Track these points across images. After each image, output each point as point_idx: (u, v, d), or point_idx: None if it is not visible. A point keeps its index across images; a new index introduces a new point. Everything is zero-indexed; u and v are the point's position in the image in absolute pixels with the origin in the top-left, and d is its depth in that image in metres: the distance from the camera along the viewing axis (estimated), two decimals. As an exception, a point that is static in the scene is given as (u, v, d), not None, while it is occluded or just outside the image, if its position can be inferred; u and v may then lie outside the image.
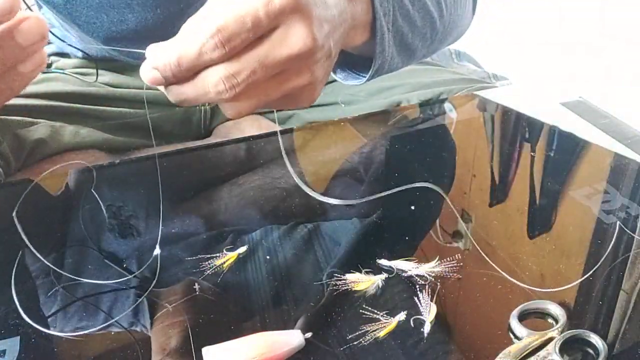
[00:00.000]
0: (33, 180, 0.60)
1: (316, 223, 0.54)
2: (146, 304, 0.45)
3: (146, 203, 0.58)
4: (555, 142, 0.67)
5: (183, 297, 0.46)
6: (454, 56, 1.16)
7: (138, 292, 0.46)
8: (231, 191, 0.59)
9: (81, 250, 0.52)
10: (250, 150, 0.67)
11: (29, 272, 0.49)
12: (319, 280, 0.47)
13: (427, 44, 0.61)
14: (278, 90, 0.42)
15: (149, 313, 0.44)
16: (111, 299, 0.46)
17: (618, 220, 0.51)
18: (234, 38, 0.38)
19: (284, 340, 0.40)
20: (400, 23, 0.54)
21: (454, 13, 0.64)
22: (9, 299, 0.46)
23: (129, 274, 0.48)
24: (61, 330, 0.43)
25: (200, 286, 0.46)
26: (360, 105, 0.80)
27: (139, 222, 0.55)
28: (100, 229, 0.54)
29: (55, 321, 0.44)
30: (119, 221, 0.55)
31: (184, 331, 0.42)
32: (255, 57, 0.39)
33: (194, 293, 0.45)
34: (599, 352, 0.39)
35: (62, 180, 0.62)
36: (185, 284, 0.47)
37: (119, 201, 0.58)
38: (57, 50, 0.83)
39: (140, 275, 0.48)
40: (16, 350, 0.41)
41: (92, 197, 0.58)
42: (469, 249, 0.50)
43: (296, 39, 0.40)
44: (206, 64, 0.39)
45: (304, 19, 0.40)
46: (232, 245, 0.50)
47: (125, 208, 0.57)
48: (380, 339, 0.41)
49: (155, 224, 0.53)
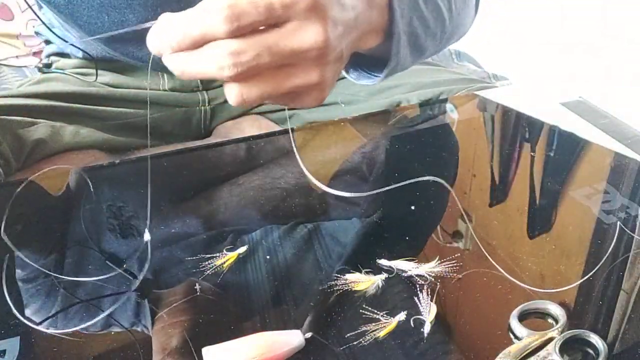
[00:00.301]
0: (33, 181, 0.60)
1: (316, 223, 0.54)
2: (147, 304, 0.45)
3: (146, 203, 0.58)
4: (555, 142, 0.67)
5: (183, 297, 0.46)
6: (454, 56, 1.16)
7: (138, 292, 0.46)
8: (231, 191, 0.59)
9: (80, 250, 0.52)
10: (250, 150, 0.67)
11: (27, 272, 0.49)
12: (319, 280, 0.47)
13: (436, 43, 0.61)
14: (284, 84, 0.42)
15: (149, 313, 0.45)
16: (111, 300, 0.46)
17: (618, 220, 0.51)
18: (243, 17, 0.38)
19: (284, 340, 0.40)
20: (415, 24, 0.54)
21: (462, 13, 0.64)
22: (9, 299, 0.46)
23: (125, 270, 0.48)
24: (61, 330, 0.43)
25: (201, 286, 0.46)
26: (360, 105, 0.80)
27: (138, 222, 0.55)
28: (99, 228, 0.54)
29: (55, 322, 0.44)
30: (120, 221, 0.55)
31: (184, 331, 0.42)
32: (262, 41, 0.39)
33: (194, 293, 0.45)
34: (599, 352, 0.39)
35: (62, 180, 0.62)
36: (186, 284, 0.47)
37: (118, 201, 0.58)
38: (57, 50, 0.83)
39: (142, 277, 0.48)
40: (16, 350, 0.41)
41: (91, 197, 0.58)
42: (469, 249, 0.50)
43: (308, 35, 0.40)
44: (213, 37, 0.39)
45: (319, 17, 0.40)
46: (232, 245, 0.50)
47: (125, 208, 0.57)
48: (380, 339, 0.41)
49: (155, 225, 0.53)
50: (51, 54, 0.84)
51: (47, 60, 0.84)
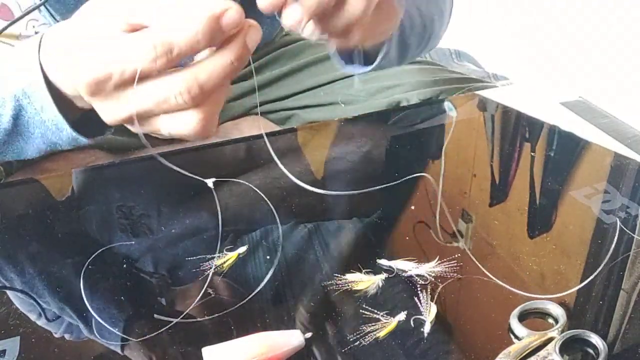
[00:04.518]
0: (34, 180, 0.60)
1: (316, 223, 0.54)
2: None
3: (145, 203, 0.58)
4: (555, 142, 0.67)
5: (183, 297, 0.46)
6: (453, 56, 1.16)
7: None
8: (231, 191, 0.59)
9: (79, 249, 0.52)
10: (250, 151, 0.67)
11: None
12: (319, 280, 0.47)
13: (420, 40, 0.62)
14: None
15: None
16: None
17: (618, 220, 0.51)
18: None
19: (284, 340, 0.40)
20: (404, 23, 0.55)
21: (444, 14, 0.65)
22: (9, 299, 0.46)
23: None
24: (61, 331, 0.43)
25: (215, 289, 0.46)
26: (360, 105, 0.80)
27: (138, 222, 0.55)
28: (102, 227, 0.54)
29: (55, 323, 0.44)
30: (119, 221, 0.55)
31: (185, 331, 0.42)
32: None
33: (194, 293, 0.45)
34: (599, 352, 0.39)
35: (61, 180, 0.62)
36: (186, 284, 0.47)
37: (118, 201, 0.58)
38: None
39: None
40: (16, 350, 0.41)
41: (91, 197, 0.58)
42: (469, 249, 0.50)
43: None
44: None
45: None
46: (232, 245, 0.50)
47: (125, 208, 0.57)
48: (380, 339, 0.41)
49: (155, 225, 0.53)
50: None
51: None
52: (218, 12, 0.36)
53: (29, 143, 0.47)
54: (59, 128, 0.45)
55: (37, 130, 0.46)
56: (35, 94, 0.44)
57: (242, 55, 0.39)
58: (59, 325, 0.44)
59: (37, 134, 0.46)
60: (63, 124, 0.44)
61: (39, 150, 0.48)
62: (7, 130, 0.46)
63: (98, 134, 0.48)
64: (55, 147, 0.47)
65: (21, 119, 0.45)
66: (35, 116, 0.45)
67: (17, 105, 0.44)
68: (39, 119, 0.45)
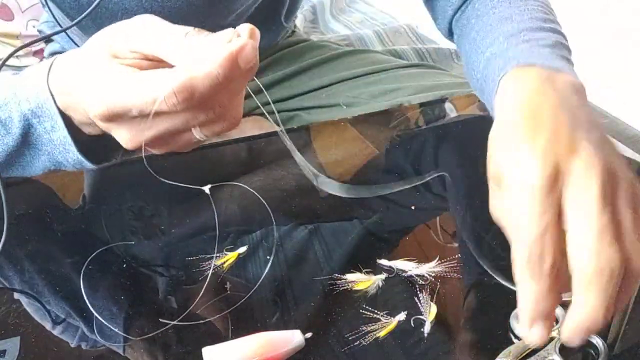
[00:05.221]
0: (35, 179, 0.60)
1: (316, 223, 0.54)
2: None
3: (145, 202, 0.58)
4: (556, 142, 0.67)
5: (184, 297, 0.46)
6: (454, 56, 1.16)
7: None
8: (232, 191, 0.59)
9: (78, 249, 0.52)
10: (251, 151, 0.67)
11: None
12: (319, 280, 0.47)
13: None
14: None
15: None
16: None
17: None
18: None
19: (284, 340, 0.40)
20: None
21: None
22: (9, 299, 0.46)
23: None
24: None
25: (231, 284, 0.46)
26: (361, 108, 0.80)
27: (137, 221, 0.55)
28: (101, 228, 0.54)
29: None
30: (118, 221, 0.55)
31: (185, 331, 0.42)
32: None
33: (195, 294, 0.45)
34: (599, 352, 0.39)
35: (61, 179, 0.62)
36: (185, 284, 0.47)
37: (118, 201, 0.58)
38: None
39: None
40: (16, 350, 0.41)
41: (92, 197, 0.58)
42: (469, 249, 0.50)
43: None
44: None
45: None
46: (232, 245, 0.50)
47: (125, 208, 0.57)
48: (380, 339, 0.41)
49: (155, 225, 0.53)
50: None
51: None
52: (235, 50, 0.36)
53: (35, 159, 0.47)
54: (66, 149, 0.45)
55: (45, 148, 0.46)
56: (45, 114, 0.44)
57: (253, 70, 0.39)
58: (73, 335, 0.44)
59: (45, 152, 0.47)
60: (70, 146, 0.45)
61: (43, 168, 0.49)
62: (15, 147, 0.47)
63: (104, 160, 0.48)
64: (60, 166, 0.48)
65: (30, 137, 0.46)
66: (44, 134, 0.45)
67: (26, 125, 0.45)
68: (47, 137, 0.45)
